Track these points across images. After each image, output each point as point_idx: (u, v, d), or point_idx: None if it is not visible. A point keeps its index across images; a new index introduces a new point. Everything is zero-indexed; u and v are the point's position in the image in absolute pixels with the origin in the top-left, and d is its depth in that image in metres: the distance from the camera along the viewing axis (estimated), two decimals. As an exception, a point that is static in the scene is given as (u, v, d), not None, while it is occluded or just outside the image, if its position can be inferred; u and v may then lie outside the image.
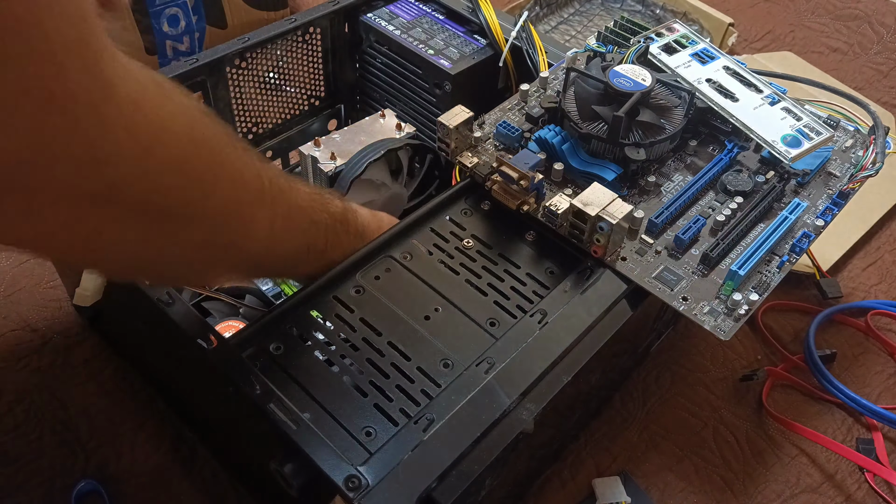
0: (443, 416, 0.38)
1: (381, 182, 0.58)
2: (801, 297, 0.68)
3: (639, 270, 0.46)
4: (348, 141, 0.58)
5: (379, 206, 0.58)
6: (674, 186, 0.52)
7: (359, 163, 0.55)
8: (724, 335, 0.44)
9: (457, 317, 0.43)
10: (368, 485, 0.35)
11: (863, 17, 1.04)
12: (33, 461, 0.52)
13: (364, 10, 0.66)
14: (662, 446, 0.57)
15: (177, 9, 0.80)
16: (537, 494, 0.53)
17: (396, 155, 0.57)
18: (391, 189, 0.58)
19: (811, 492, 0.55)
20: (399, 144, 0.56)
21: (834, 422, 0.59)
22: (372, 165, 0.55)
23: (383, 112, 0.61)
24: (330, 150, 0.56)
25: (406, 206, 0.62)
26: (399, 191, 0.59)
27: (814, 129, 0.52)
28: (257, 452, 0.44)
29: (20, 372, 0.57)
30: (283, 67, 0.64)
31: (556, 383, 0.40)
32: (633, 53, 0.54)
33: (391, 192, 0.59)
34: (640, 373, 0.61)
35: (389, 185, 0.58)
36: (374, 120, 0.60)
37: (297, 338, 0.41)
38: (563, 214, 0.46)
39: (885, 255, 0.73)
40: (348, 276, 0.45)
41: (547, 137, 0.51)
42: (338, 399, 0.38)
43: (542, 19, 0.96)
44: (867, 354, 0.64)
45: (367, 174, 0.55)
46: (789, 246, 0.48)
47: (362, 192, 0.57)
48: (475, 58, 0.63)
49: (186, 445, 0.54)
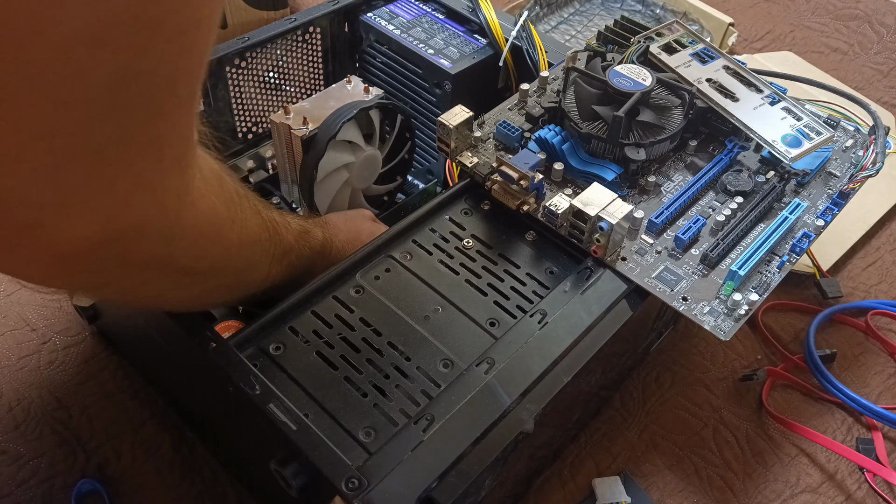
0: (443, 417, 0.37)
1: (355, 144, 0.58)
2: (801, 297, 0.68)
3: (639, 270, 0.46)
4: (318, 107, 0.58)
5: (356, 169, 0.59)
6: (674, 186, 0.52)
7: (333, 123, 0.55)
8: (724, 335, 0.44)
9: (457, 317, 0.43)
10: (368, 485, 0.35)
11: (863, 17, 1.04)
12: (33, 461, 0.52)
13: (364, 9, 0.66)
14: (662, 446, 0.57)
15: (177, 8, 0.79)
16: (537, 494, 0.53)
17: (368, 116, 0.58)
18: (365, 151, 0.59)
19: (811, 492, 0.55)
20: (370, 104, 0.57)
21: (834, 422, 0.59)
22: (345, 127, 0.55)
23: (350, 78, 0.61)
24: (301, 117, 0.57)
25: (382, 169, 0.62)
26: (373, 153, 0.60)
27: (814, 128, 0.52)
28: (257, 452, 0.44)
29: (20, 372, 0.57)
30: (282, 67, 0.64)
31: (556, 383, 0.40)
32: (634, 53, 0.54)
33: (366, 155, 0.59)
34: (640, 373, 0.61)
35: (363, 147, 0.59)
36: (342, 86, 0.61)
37: (296, 338, 0.41)
38: (563, 214, 0.46)
39: (885, 255, 0.73)
40: (348, 276, 0.45)
41: (547, 137, 0.51)
42: (338, 399, 0.38)
43: (542, 19, 0.96)
44: (867, 354, 0.64)
45: (341, 135, 0.55)
46: (789, 246, 0.48)
47: (339, 153, 0.58)
48: (475, 57, 0.63)
49: (186, 445, 0.54)
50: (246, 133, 0.64)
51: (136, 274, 0.31)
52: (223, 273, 0.38)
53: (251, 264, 0.40)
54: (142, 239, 0.28)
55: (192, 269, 0.34)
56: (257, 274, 0.41)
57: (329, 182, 0.58)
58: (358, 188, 0.62)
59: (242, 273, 0.40)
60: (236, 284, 0.41)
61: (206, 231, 0.33)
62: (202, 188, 0.31)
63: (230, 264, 0.37)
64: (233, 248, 0.36)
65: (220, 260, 0.36)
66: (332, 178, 0.58)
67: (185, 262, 0.32)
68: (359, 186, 0.62)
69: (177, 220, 0.29)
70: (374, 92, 0.60)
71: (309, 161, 0.56)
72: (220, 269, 0.37)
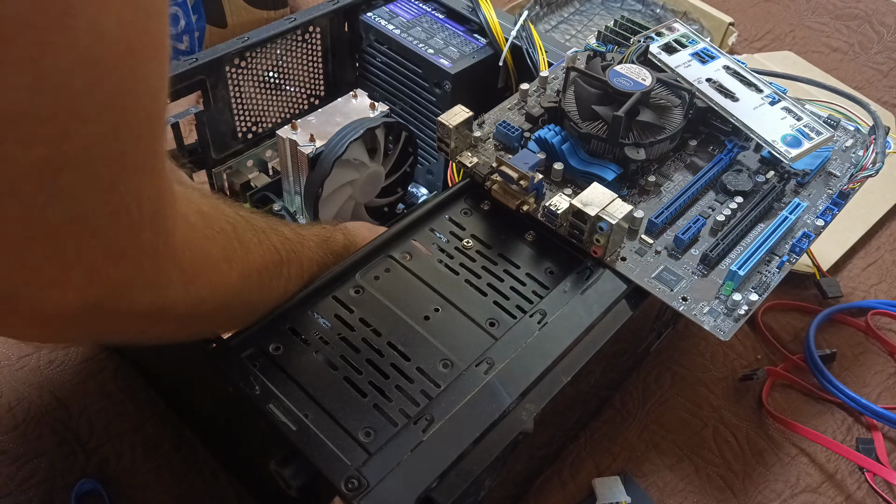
0: (442, 417, 0.38)
1: (359, 162, 0.58)
2: (801, 297, 0.68)
3: (638, 270, 0.46)
4: (325, 122, 0.59)
5: (359, 184, 0.60)
6: (674, 186, 0.52)
7: (339, 143, 0.56)
8: (723, 335, 0.44)
9: (456, 317, 0.43)
10: (368, 485, 0.35)
11: (863, 17, 1.04)
12: (33, 461, 0.52)
13: (364, 9, 0.66)
14: (662, 446, 0.57)
15: (177, 8, 0.80)
16: (537, 494, 0.53)
17: (373, 133, 0.58)
18: (369, 168, 0.59)
19: (811, 492, 0.55)
20: (376, 123, 0.58)
21: (834, 422, 0.59)
22: (351, 146, 0.55)
23: (355, 93, 0.61)
24: (308, 133, 0.57)
25: (384, 183, 0.62)
26: (377, 169, 0.60)
27: (814, 128, 0.52)
28: (257, 452, 0.44)
29: (20, 372, 0.57)
30: (282, 67, 0.64)
31: (555, 383, 0.40)
32: (634, 53, 0.54)
33: (369, 171, 0.60)
34: (640, 373, 0.61)
35: (368, 164, 0.59)
36: (347, 101, 0.61)
37: (296, 338, 0.41)
38: (563, 214, 0.46)
39: (885, 255, 0.73)
40: (348, 277, 0.45)
41: (547, 137, 0.51)
42: (337, 399, 0.38)
43: (542, 19, 0.96)
44: (867, 354, 0.64)
45: (346, 154, 0.55)
46: (789, 246, 0.48)
47: (344, 172, 0.58)
48: (475, 57, 0.63)
49: (186, 445, 0.54)
50: (246, 133, 0.64)
51: (135, 324, 0.31)
52: (232, 308, 0.37)
53: (263, 292, 0.39)
54: (127, 297, 0.28)
55: (195, 314, 0.33)
56: (272, 295, 0.40)
57: (334, 197, 0.59)
58: (361, 202, 0.62)
59: (255, 302, 0.39)
60: (251, 312, 0.40)
61: (196, 277, 0.32)
62: (187, 235, 0.31)
63: (237, 300, 0.36)
64: (234, 287, 0.35)
65: (222, 301, 0.35)
66: (336, 194, 0.59)
67: (183, 309, 0.32)
68: (362, 201, 0.62)
69: (159, 275, 0.29)
70: (380, 108, 0.61)
71: (315, 179, 0.56)
72: (226, 307, 0.36)
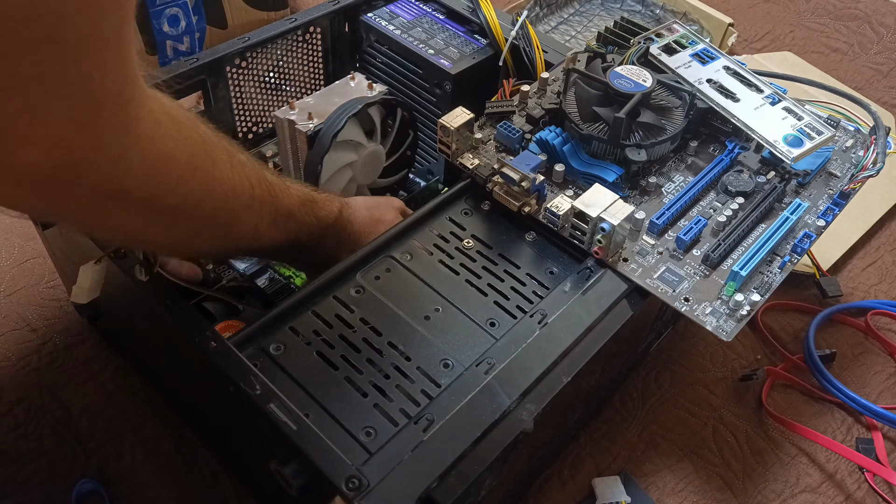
0: (443, 417, 0.37)
1: (357, 142, 0.58)
2: (800, 297, 0.68)
3: (640, 271, 0.46)
4: (323, 102, 0.59)
5: (359, 166, 0.59)
6: (675, 187, 0.52)
7: (338, 119, 0.56)
8: (726, 336, 0.44)
9: (457, 317, 0.43)
10: (368, 485, 0.34)
11: (863, 17, 1.04)
12: (33, 461, 0.52)
13: (364, 9, 0.66)
14: (662, 446, 0.57)
15: (177, 9, 0.80)
16: (537, 494, 0.53)
17: (368, 114, 0.58)
18: (367, 148, 0.59)
19: (811, 492, 0.55)
20: (374, 99, 0.58)
21: (834, 422, 0.59)
22: (347, 127, 0.55)
23: (353, 75, 0.61)
24: (306, 112, 0.57)
25: (385, 163, 0.62)
26: (376, 149, 0.60)
27: (815, 128, 0.52)
28: (257, 452, 0.44)
29: (20, 372, 0.57)
30: (283, 67, 0.64)
31: (556, 383, 0.40)
32: (634, 54, 0.54)
33: (368, 152, 0.60)
34: (640, 373, 0.61)
35: (365, 144, 0.59)
36: (345, 83, 0.61)
37: (297, 338, 0.41)
38: (565, 216, 0.46)
39: (885, 255, 0.73)
40: (348, 276, 0.45)
41: (548, 139, 0.51)
42: (338, 399, 0.38)
43: (542, 19, 0.96)
44: (867, 354, 0.64)
45: (342, 135, 0.55)
46: (791, 246, 0.48)
47: (342, 154, 0.58)
48: (475, 58, 0.63)
49: (186, 445, 0.54)
50: (246, 133, 0.64)
51: (98, 204, 0.32)
52: (194, 217, 0.38)
53: (230, 215, 0.40)
54: (90, 170, 0.30)
55: (155, 208, 0.35)
56: (243, 227, 0.41)
57: (334, 180, 0.59)
58: (363, 184, 0.62)
59: (222, 223, 0.40)
60: (219, 234, 0.41)
61: (157, 171, 0.33)
62: (152, 130, 0.32)
63: (199, 211, 0.38)
64: (196, 193, 0.37)
65: (183, 204, 0.36)
66: (337, 176, 0.59)
67: (140, 197, 0.33)
68: (364, 182, 0.62)
69: (119, 156, 0.31)
70: (378, 88, 0.61)
71: (313, 157, 0.56)
72: (189, 213, 0.37)
